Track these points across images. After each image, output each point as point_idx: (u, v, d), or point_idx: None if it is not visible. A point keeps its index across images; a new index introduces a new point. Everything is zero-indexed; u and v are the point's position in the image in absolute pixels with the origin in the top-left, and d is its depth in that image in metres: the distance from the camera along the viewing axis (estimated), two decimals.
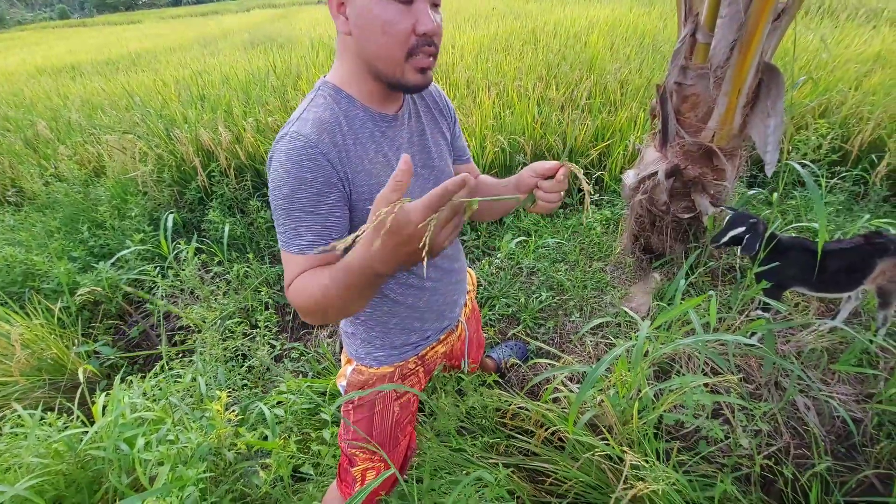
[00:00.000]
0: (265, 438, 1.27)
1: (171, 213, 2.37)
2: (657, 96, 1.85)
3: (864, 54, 3.59)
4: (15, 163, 3.32)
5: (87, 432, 1.26)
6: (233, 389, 1.62)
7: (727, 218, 1.54)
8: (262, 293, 2.12)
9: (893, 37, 4.15)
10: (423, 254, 0.53)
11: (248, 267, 2.34)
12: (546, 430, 1.34)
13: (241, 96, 3.72)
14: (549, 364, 1.71)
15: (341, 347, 1.94)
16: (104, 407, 1.31)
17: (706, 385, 1.45)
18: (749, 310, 1.70)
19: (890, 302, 1.48)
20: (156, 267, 2.13)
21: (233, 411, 1.31)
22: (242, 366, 1.76)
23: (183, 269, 2.10)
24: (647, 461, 1.09)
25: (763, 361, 1.58)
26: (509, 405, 1.41)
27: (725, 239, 1.52)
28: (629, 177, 2.08)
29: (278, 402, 1.45)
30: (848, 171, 2.47)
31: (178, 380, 1.50)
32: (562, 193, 0.81)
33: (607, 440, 1.20)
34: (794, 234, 1.98)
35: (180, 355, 1.77)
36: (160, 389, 1.44)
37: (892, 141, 2.44)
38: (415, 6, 0.67)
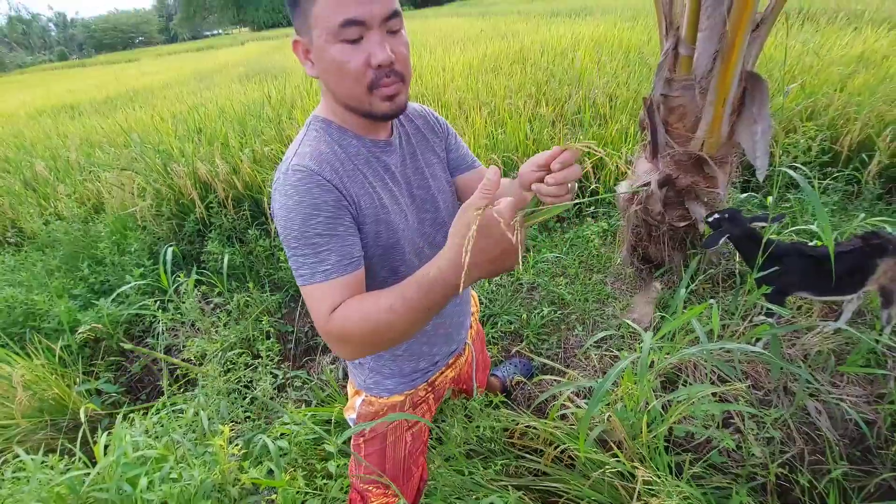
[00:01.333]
0: (270, 472, 1.25)
1: (171, 246, 2.38)
2: (645, 108, 1.88)
3: (847, 56, 3.66)
4: (15, 203, 3.35)
5: (89, 474, 1.24)
6: (235, 422, 1.60)
7: (713, 218, 1.56)
8: (264, 322, 2.11)
9: (875, 37, 4.24)
10: (519, 249, 0.57)
11: (249, 296, 2.33)
12: (555, 448, 1.32)
13: (237, 128, 3.78)
14: (555, 380, 1.69)
15: (345, 374, 1.93)
16: (106, 446, 1.29)
17: (714, 394, 1.43)
18: (752, 315, 1.69)
19: (893, 300, 1.48)
20: (156, 301, 2.13)
21: (236, 445, 1.29)
22: (245, 397, 1.74)
23: (183, 302, 2.10)
24: (659, 476, 1.07)
25: (770, 367, 1.56)
26: (517, 425, 1.39)
27: (718, 242, 1.52)
28: (623, 188, 2.10)
29: (282, 434, 1.43)
30: (840, 171, 2.49)
31: (181, 415, 1.48)
32: (572, 185, 0.70)
33: (618, 456, 1.18)
34: (793, 239, 1.99)
35: (182, 389, 1.76)
36: (162, 426, 1.43)
37: (881, 140, 2.47)
38: (365, 41, 0.68)
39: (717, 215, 1.56)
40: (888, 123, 2.55)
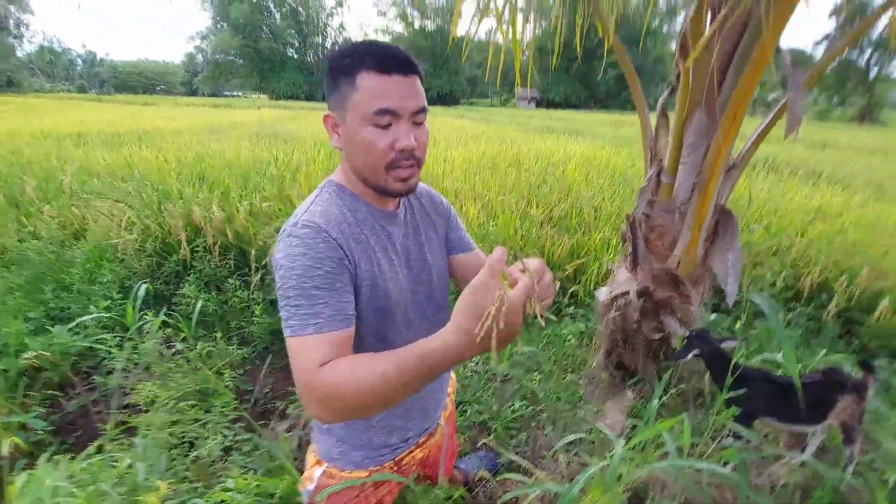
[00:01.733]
0: None
1: (145, 282, 2.33)
2: (627, 223, 2.04)
3: (807, 206, 4.07)
4: None
5: None
6: (173, 481, 1.45)
7: (686, 335, 1.62)
8: (225, 376, 2.01)
9: (832, 194, 4.75)
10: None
11: (214, 346, 2.24)
12: None
13: (239, 181, 3.88)
14: (521, 481, 1.61)
15: (299, 446, 1.81)
16: (22, 487, 1.15)
17: None
18: (721, 436, 1.69)
19: (853, 438, 1.51)
20: (116, 337, 2.03)
21: None
22: (188, 455, 1.60)
23: (143, 342, 2.00)
24: None
25: (738, 494, 1.53)
26: None
27: (687, 356, 1.58)
28: (602, 294, 2.18)
29: (221, 502, 1.31)
30: (802, 307, 2.65)
31: (114, 464, 1.35)
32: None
33: None
34: (760, 366, 2.05)
35: (121, 436, 1.61)
36: (90, 474, 1.29)
37: (839, 285, 2.67)
38: (394, 127, 0.76)
39: (688, 334, 1.63)
40: (843, 270, 2.78)
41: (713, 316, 2.42)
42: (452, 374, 1.25)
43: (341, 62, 0.75)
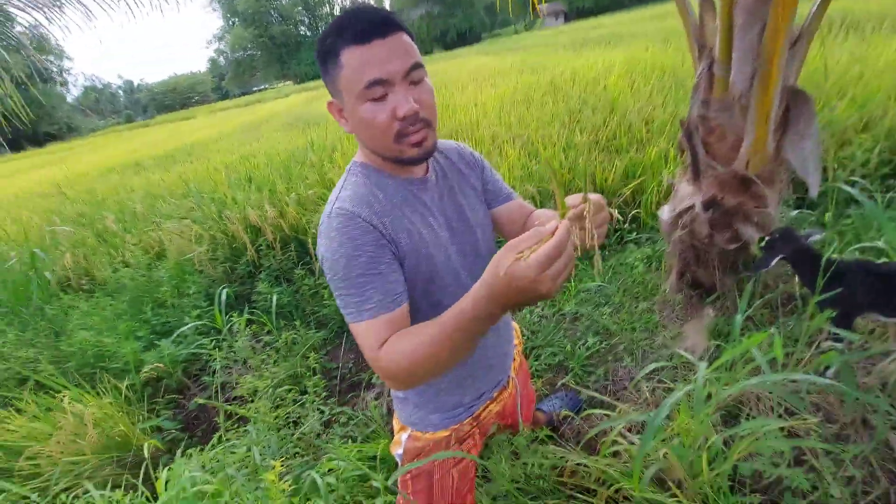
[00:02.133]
0: None
1: (225, 287, 2.53)
2: (682, 131, 1.86)
3: None
4: (89, 254, 3.67)
5: None
6: (285, 458, 1.62)
7: (766, 238, 1.49)
8: (310, 359, 2.17)
9: None
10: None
11: (296, 334, 2.41)
12: (609, 487, 1.25)
13: (283, 174, 4.01)
14: (605, 414, 1.62)
15: (389, 410, 1.94)
16: (167, 482, 1.34)
17: (782, 429, 1.33)
18: (818, 340, 1.57)
19: None
20: (212, 340, 2.24)
21: (286, 481, 1.31)
22: (294, 433, 1.77)
23: (236, 341, 2.19)
24: None
25: (844, 398, 1.43)
26: (566, 462, 1.34)
27: (770, 263, 1.45)
28: (665, 212, 2.05)
29: (329, 470, 1.45)
30: None
31: (234, 451, 1.53)
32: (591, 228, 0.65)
33: (677, 497, 1.10)
34: (856, 258, 1.85)
35: (236, 425, 1.82)
36: (218, 461, 1.47)
37: None
38: (391, 96, 0.72)
39: (769, 237, 1.49)
40: None
41: (794, 213, 2.20)
42: (516, 326, 1.25)
43: (325, 45, 0.73)
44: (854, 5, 7.17)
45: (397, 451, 1.05)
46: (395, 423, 1.10)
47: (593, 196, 0.65)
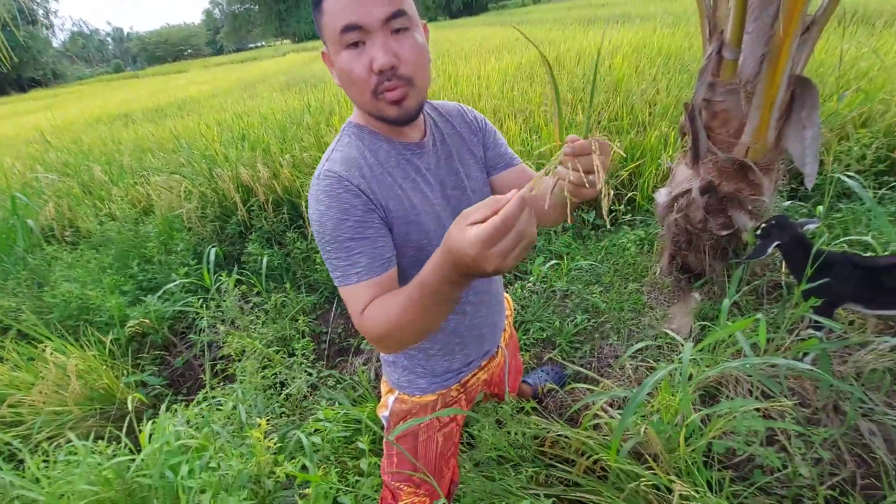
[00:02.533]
0: (303, 467, 1.28)
1: (214, 247, 2.49)
2: (686, 113, 1.84)
3: None
4: (73, 204, 3.58)
5: (134, 460, 1.30)
6: (271, 417, 1.64)
7: (762, 225, 1.50)
8: (300, 322, 2.17)
9: None
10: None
11: (286, 297, 2.40)
12: (588, 458, 1.29)
13: (278, 134, 3.91)
14: (588, 389, 1.66)
15: (377, 375, 1.96)
16: (150, 435, 1.35)
17: (757, 410, 1.37)
18: (799, 328, 1.61)
19: None
20: (199, 298, 2.23)
21: (271, 439, 1.33)
22: (280, 394, 1.79)
23: (224, 301, 2.18)
24: (697, 492, 1.03)
25: (819, 384, 1.48)
26: (548, 433, 1.37)
27: (767, 251, 1.46)
28: (662, 195, 2.05)
29: (315, 430, 1.47)
30: None
31: (220, 408, 1.54)
32: (593, 179, 0.62)
33: (653, 469, 1.14)
34: (844, 250, 1.88)
35: (221, 384, 1.82)
36: (203, 417, 1.48)
37: None
38: (368, 45, 0.68)
39: (765, 225, 1.51)
40: None
41: (787, 203, 2.21)
42: (508, 297, 1.26)
43: None
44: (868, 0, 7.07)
45: (384, 412, 1.06)
46: (383, 386, 1.11)
47: (598, 140, 0.59)
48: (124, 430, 1.56)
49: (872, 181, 2.38)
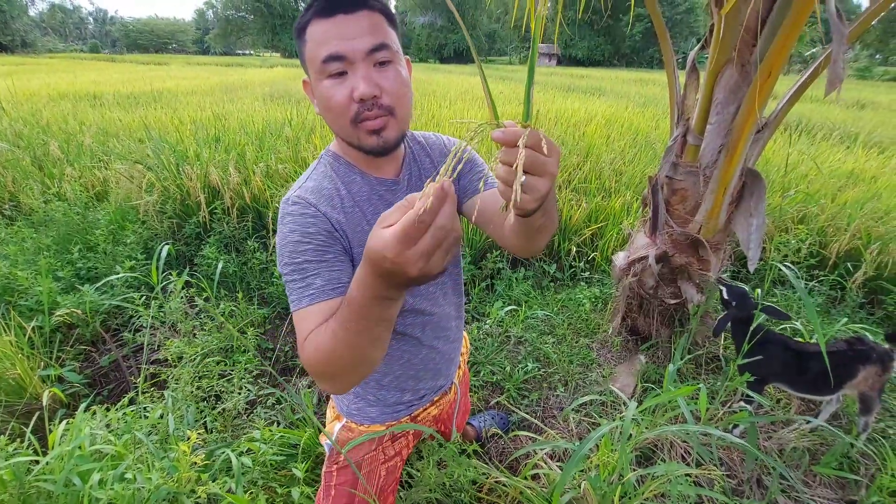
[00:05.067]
0: (229, 490, 1.19)
1: (168, 244, 2.37)
2: (649, 187, 1.98)
3: (839, 171, 3.89)
4: (19, 178, 3.35)
5: (38, 462, 1.18)
6: (202, 431, 1.54)
7: (724, 293, 1.60)
8: (248, 334, 2.08)
9: (866, 158, 4.53)
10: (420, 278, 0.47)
11: (236, 306, 2.31)
12: None
13: (255, 142, 3.87)
14: (531, 438, 1.66)
15: (321, 400, 1.89)
16: (62, 436, 1.23)
17: (688, 475, 1.42)
18: (732, 401, 1.70)
19: (871, 408, 1.50)
20: (142, 296, 2.10)
21: (198, 455, 1.24)
22: (215, 408, 1.68)
23: (169, 301, 2.07)
24: None
25: (745, 456, 1.55)
26: (487, 478, 1.36)
27: (726, 326, 1.56)
28: (620, 258, 2.16)
29: (247, 450, 1.38)
30: (825, 275, 2.58)
31: (146, 415, 1.43)
32: (529, 183, 0.51)
33: None
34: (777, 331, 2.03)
35: (151, 388, 1.70)
36: (126, 423, 1.37)
37: (869, 252, 2.59)
38: (350, 75, 0.68)
39: (725, 288, 1.60)
40: (875, 238, 2.68)
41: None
42: (465, 335, 1.27)
43: (298, 20, 0.71)
44: (812, 111, 7.97)
45: (327, 441, 1.03)
46: (330, 412, 1.07)
47: (535, 132, 0.49)
48: (30, 427, 1.41)
49: (805, 273, 2.61)
